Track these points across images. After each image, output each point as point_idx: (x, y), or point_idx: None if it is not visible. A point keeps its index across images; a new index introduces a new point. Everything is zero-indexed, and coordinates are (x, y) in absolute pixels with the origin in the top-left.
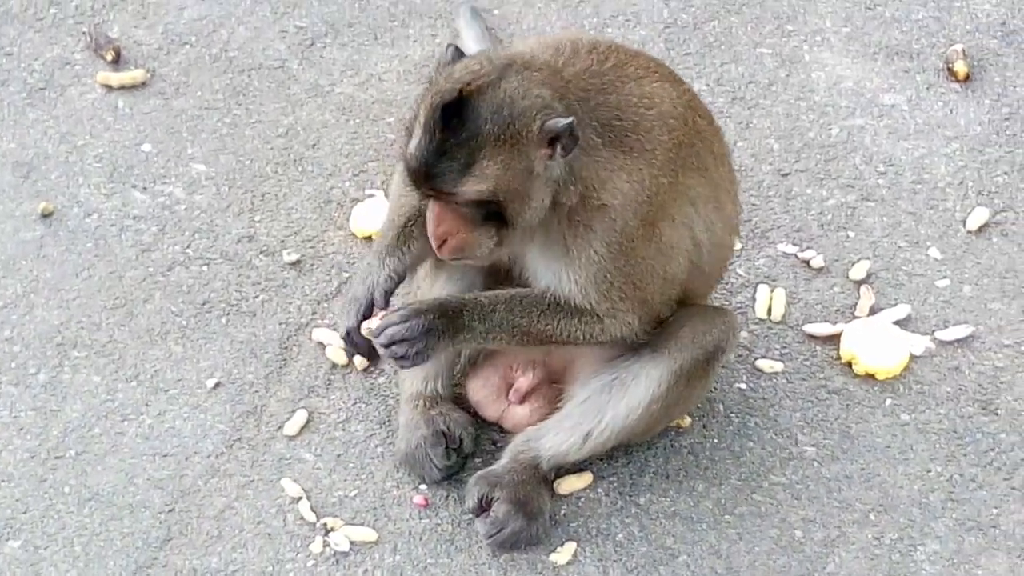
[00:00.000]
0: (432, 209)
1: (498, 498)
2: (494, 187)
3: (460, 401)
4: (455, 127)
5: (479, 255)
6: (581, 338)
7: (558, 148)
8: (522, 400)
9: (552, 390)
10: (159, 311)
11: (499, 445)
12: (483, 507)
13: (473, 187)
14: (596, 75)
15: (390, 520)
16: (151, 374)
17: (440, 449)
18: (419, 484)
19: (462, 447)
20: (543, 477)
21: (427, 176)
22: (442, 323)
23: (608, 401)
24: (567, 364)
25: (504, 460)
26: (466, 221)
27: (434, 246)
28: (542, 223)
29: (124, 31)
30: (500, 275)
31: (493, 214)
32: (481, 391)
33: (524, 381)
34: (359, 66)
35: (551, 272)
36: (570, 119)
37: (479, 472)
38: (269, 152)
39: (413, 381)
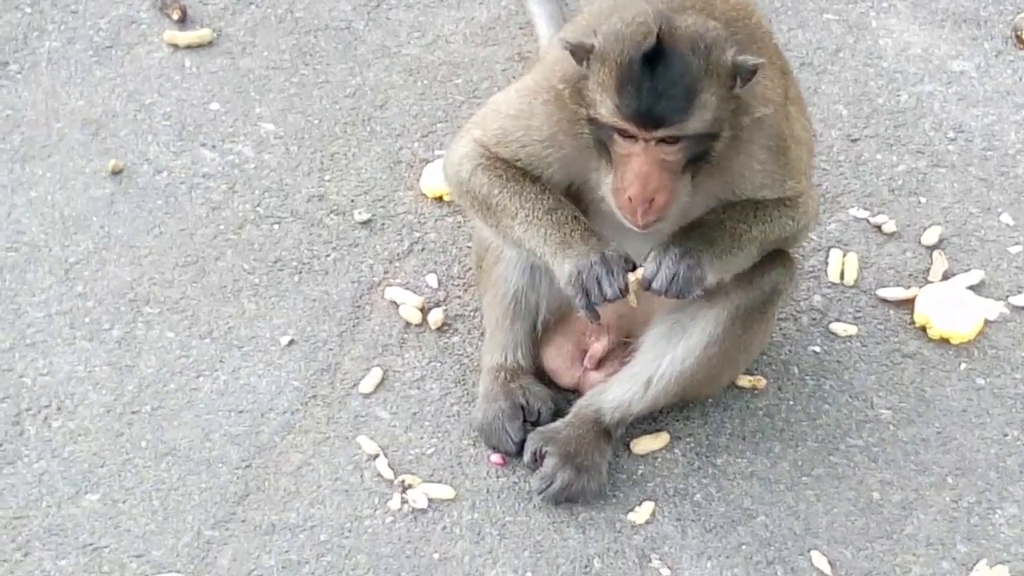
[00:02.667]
0: (638, 169)
1: (549, 452)
2: (712, 117)
3: (542, 374)
4: (663, 70)
5: (675, 211)
6: (792, 226)
7: (738, 81)
8: (597, 366)
9: (627, 352)
10: (231, 268)
11: None
12: (537, 461)
13: (699, 119)
14: (709, 4)
15: (467, 478)
16: (224, 331)
17: (517, 423)
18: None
19: (539, 421)
20: (603, 431)
21: (655, 119)
22: (699, 246)
23: (667, 345)
24: (638, 325)
25: (567, 417)
26: (672, 173)
27: (638, 212)
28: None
29: None
30: None
31: (690, 160)
32: (556, 359)
33: (598, 346)
34: (425, 27)
35: (719, 194)
36: (760, 60)
37: (539, 428)
38: (337, 112)
39: (493, 352)
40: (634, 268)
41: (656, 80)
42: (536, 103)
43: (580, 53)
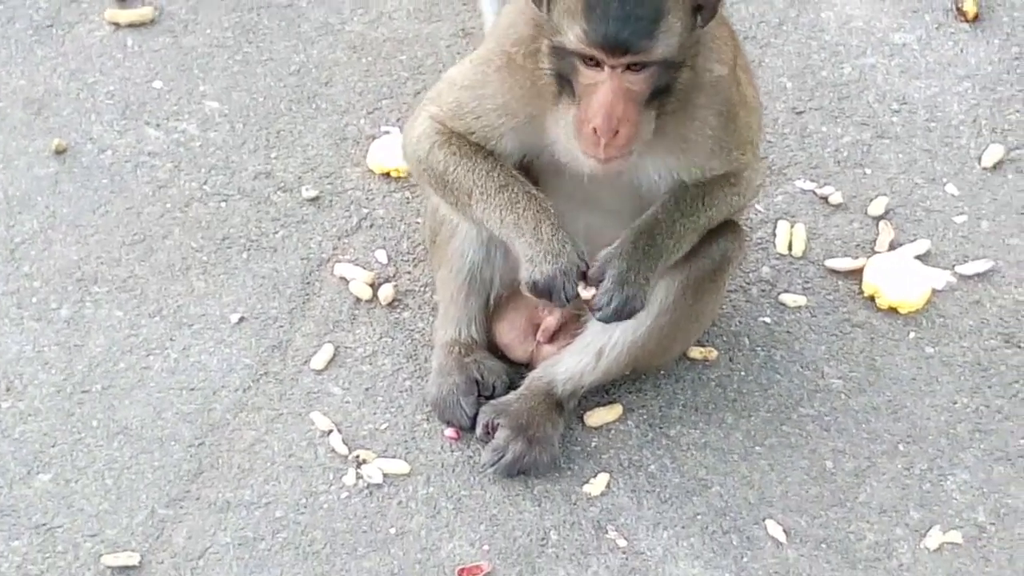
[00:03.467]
0: (604, 98)
1: (501, 424)
2: (678, 43)
3: (495, 349)
4: None
5: (637, 149)
6: (738, 201)
7: (698, 18)
8: (550, 339)
9: (579, 325)
10: (179, 247)
11: None
12: (489, 434)
13: (664, 44)
14: None
15: (422, 452)
16: (174, 309)
17: (471, 397)
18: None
19: (494, 395)
20: (556, 403)
21: (622, 44)
22: (646, 262)
23: None
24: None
25: (519, 389)
26: (637, 104)
27: (602, 144)
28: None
29: None
30: None
31: (653, 94)
32: (509, 334)
33: (551, 320)
34: (368, 4)
35: (669, 161)
36: None
37: (491, 401)
38: (282, 90)
39: (447, 327)
40: (585, 273)
41: (623, 4)
42: (489, 71)
43: None
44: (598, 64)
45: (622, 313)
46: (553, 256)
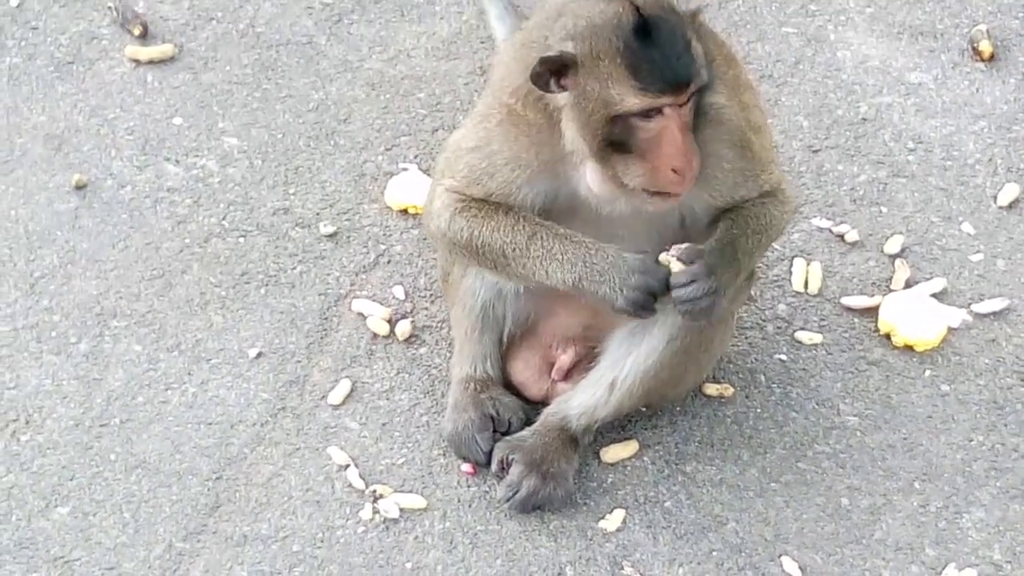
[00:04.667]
0: (676, 137)
1: (515, 460)
2: (707, 61)
3: (511, 387)
4: (658, 36)
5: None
6: (788, 215)
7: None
8: (565, 377)
9: (594, 362)
10: (197, 282)
11: None
12: (504, 470)
13: (703, 64)
14: None
15: (438, 488)
16: (192, 344)
17: (487, 433)
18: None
19: (510, 431)
20: (570, 438)
21: (682, 78)
22: (729, 270)
23: (630, 345)
24: (604, 335)
25: (534, 425)
26: (691, 133)
27: (686, 178)
28: None
29: (149, 6)
30: None
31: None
32: (524, 372)
33: (565, 358)
34: (387, 42)
35: (692, 198)
36: (699, 7)
37: (505, 437)
38: (301, 126)
39: (463, 364)
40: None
41: (660, 46)
42: (491, 126)
43: (562, 63)
44: (658, 111)
45: (699, 300)
46: (627, 271)
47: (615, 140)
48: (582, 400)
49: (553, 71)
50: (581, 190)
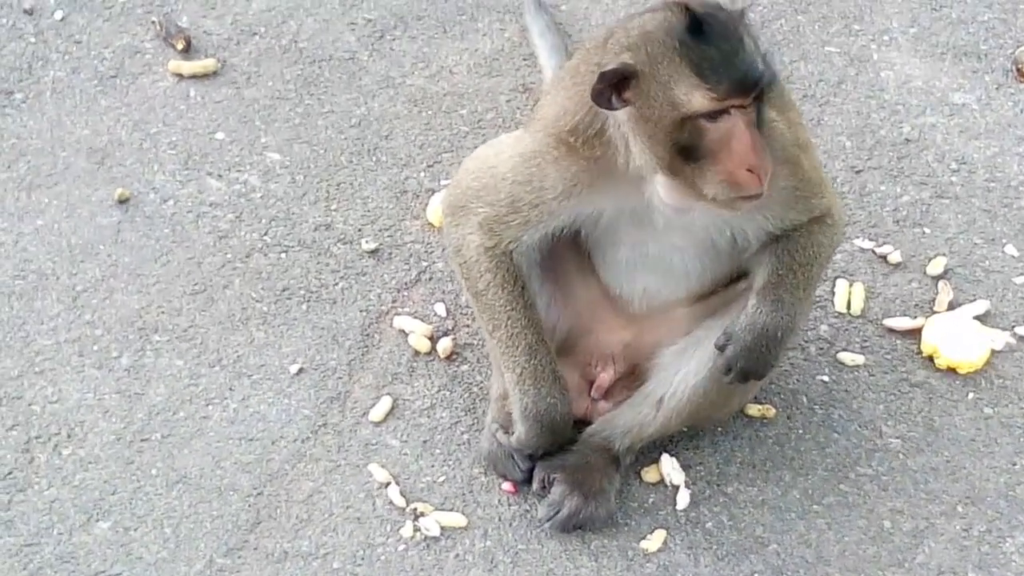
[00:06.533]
0: (746, 136)
1: (557, 479)
2: (772, 57)
3: None
4: (714, 33)
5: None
6: (837, 239)
7: None
8: (605, 396)
9: (634, 381)
10: (239, 297)
11: None
12: (546, 489)
13: (769, 62)
14: None
15: (479, 506)
16: (234, 359)
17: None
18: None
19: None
20: (612, 458)
21: (751, 78)
22: (773, 324)
23: (680, 361)
24: (644, 354)
25: (576, 444)
26: (760, 132)
27: (762, 177)
28: None
29: (193, 21)
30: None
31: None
32: None
33: (605, 377)
34: (429, 59)
35: (741, 219)
36: (744, 6)
37: (548, 457)
38: (343, 142)
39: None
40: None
41: (720, 46)
42: (546, 164)
43: (622, 75)
44: (725, 112)
45: (750, 375)
46: (543, 421)
47: (685, 146)
48: (628, 418)
49: (614, 86)
50: (654, 203)
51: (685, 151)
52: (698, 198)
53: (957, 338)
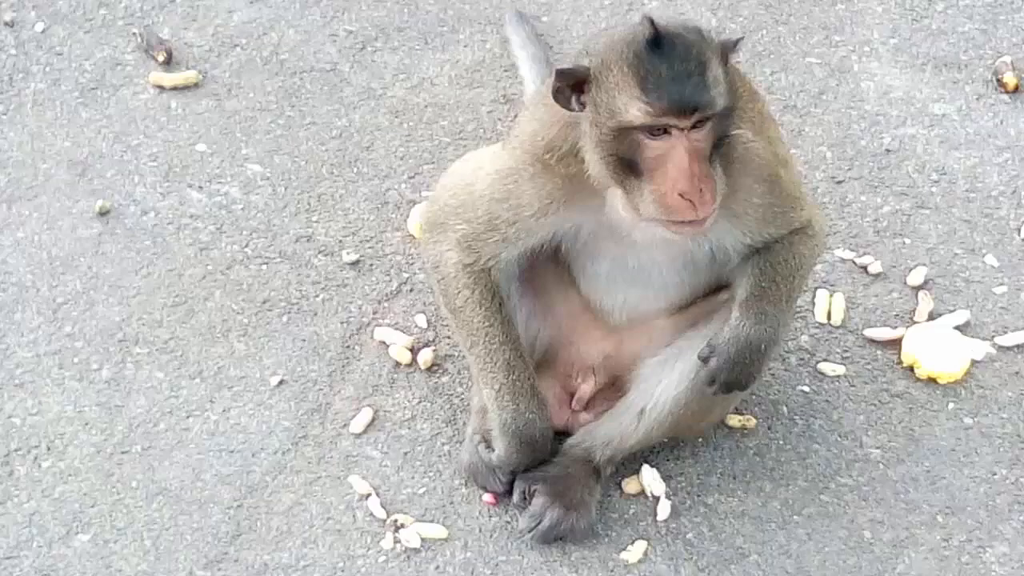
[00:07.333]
0: (681, 161)
1: (538, 491)
2: (727, 89)
3: None
4: (671, 54)
5: (713, 212)
6: (818, 250)
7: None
8: (586, 407)
9: (615, 392)
10: (220, 309)
11: None
12: (526, 500)
13: (718, 92)
14: None
15: (460, 517)
16: (214, 371)
17: None
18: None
19: None
20: (593, 469)
21: (687, 100)
22: (756, 336)
23: (662, 372)
24: (625, 365)
25: (556, 456)
26: (706, 160)
27: (696, 205)
28: None
29: (174, 33)
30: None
31: (713, 149)
32: None
33: (586, 388)
34: (410, 70)
35: (720, 234)
36: (739, 37)
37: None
38: (324, 154)
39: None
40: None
41: (671, 66)
42: (523, 181)
43: (577, 77)
44: (664, 131)
45: (733, 387)
46: (521, 436)
47: (627, 160)
48: (609, 429)
49: (572, 87)
50: (613, 219)
51: (628, 165)
52: (638, 216)
53: (937, 348)
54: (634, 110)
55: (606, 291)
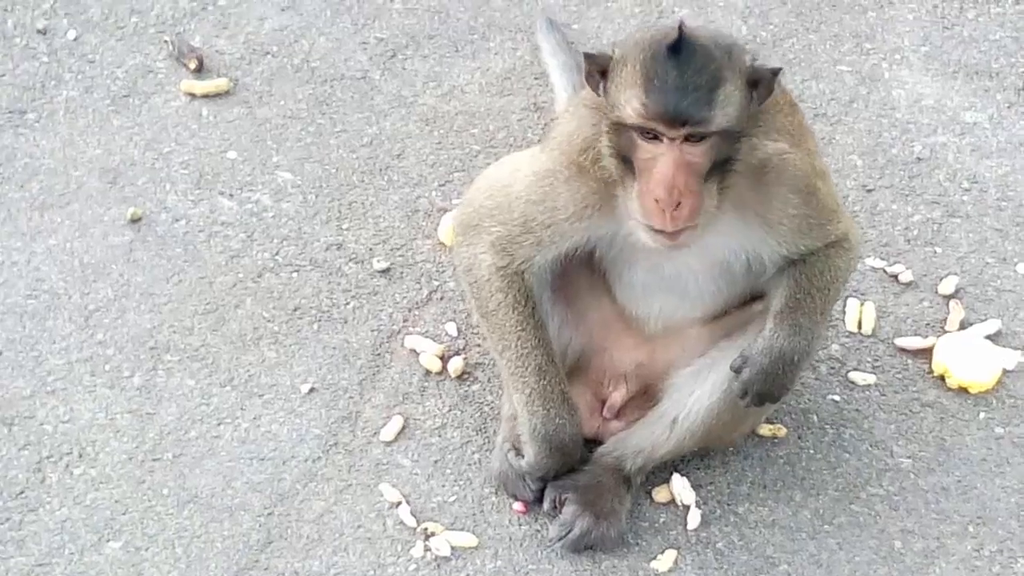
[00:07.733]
0: (664, 169)
1: (569, 499)
2: (736, 115)
3: None
4: (686, 64)
5: (701, 223)
6: (853, 263)
7: (754, 94)
8: (617, 415)
9: (646, 400)
10: (250, 316)
11: None
12: (557, 509)
13: (722, 113)
14: None
15: (490, 526)
16: (245, 379)
17: None
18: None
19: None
20: (623, 478)
21: (680, 116)
22: (790, 348)
23: (695, 383)
24: (657, 373)
25: (587, 464)
26: (697, 177)
27: (667, 216)
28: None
29: (205, 41)
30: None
31: (715, 167)
32: None
33: (617, 396)
34: (441, 78)
35: (755, 243)
36: (779, 68)
37: (560, 478)
38: (355, 161)
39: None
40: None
41: (680, 74)
42: (558, 183)
43: (599, 62)
44: (656, 137)
45: (765, 399)
46: (551, 441)
47: (624, 155)
48: (641, 438)
49: (601, 73)
50: (629, 231)
51: (626, 162)
52: (628, 214)
53: (968, 358)
54: (629, 108)
55: (641, 299)
